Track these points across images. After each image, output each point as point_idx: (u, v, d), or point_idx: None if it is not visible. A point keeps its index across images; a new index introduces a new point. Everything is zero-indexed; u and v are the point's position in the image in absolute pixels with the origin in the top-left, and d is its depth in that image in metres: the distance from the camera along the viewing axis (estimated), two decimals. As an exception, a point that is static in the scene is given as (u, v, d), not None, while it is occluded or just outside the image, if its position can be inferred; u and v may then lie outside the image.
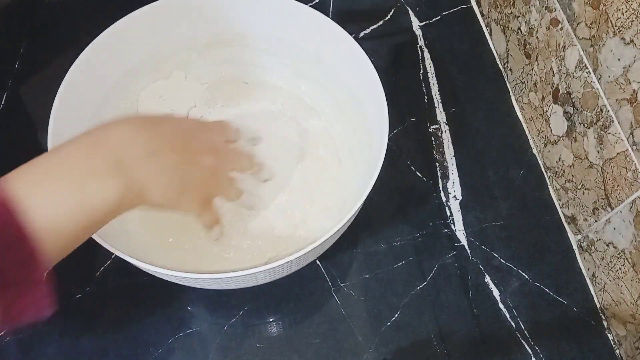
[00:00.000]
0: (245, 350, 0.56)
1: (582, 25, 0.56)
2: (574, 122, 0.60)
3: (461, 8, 0.79)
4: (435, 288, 0.60)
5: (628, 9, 0.49)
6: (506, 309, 0.59)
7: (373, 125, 0.53)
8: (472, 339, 0.58)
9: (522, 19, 0.68)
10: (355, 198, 0.47)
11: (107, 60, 0.55)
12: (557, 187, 0.65)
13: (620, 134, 0.53)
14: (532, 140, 0.70)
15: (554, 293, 0.60)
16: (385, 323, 0.58)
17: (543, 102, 0.66)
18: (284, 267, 0.46)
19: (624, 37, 0.50)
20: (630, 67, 0.50)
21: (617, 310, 0.58)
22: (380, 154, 0.48)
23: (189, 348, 0.56)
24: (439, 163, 0.67)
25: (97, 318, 0.57)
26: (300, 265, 0.51)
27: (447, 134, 0.69)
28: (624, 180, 0.53)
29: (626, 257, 0.55)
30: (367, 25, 0.77)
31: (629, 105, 0.51)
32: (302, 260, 0.49)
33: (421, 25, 0.77)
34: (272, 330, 0.57)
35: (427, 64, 0.74)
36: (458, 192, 0.66)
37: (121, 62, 0.57)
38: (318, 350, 0.56)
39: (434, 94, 0.72)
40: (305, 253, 0.44)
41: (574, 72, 0.59)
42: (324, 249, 0.51)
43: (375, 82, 0.52)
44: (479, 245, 0.62)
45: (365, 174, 0.52)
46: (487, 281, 0.61)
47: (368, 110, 0.55)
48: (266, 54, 0.63)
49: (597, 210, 0.58)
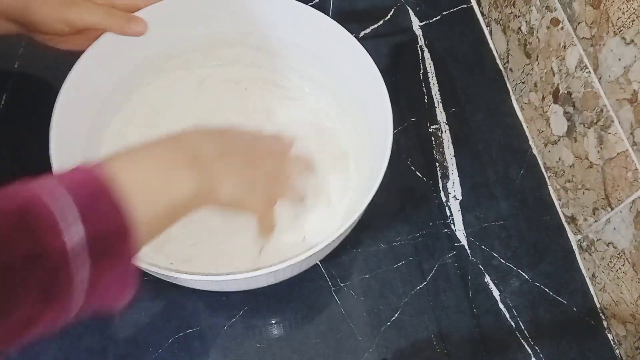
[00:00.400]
0: (245, 350, 0.56)
1: (583, 25, 0.56)
2: (574, 122, 0.60)
3: (461, 8, 0.79)
4: (435, 288, 0.60)
5: (629, 8, 0.49)
6: (506, 309, 0.59)
7: (376, 129, 0.53)
8: (472, 339, 0.58)
9: (522, 19, 0.68)
10: (358, 200, 0.47)
11: (110, 60, 0.55)
12: (557, 187, 0.65)
13: (620, 134, 0.53)
14: (532, 140, 0.70)
15: (554, 293, 0.60)
16: (385, 323, 0.58)
17: (543, 102, 0.66)
18: (285, 271, 0.46)
19: (624, 37, 0.50)
20: (631, 67, 0.50)
21: (617, 310, 0.58)
22: (383, 159, 0.48)
23: (189, 348, 0.56)
24: (439, 163, 0.67)
25: (97, 318, 0.57)
26: (301, 269, 0.51)
27: (447, 134, 0.69)
28: (624, 180, 0.53)
29: (626, 257, 0.55)
30: (367, 25, 0.76)
31: (629, 105, 0.51)
32: (304, 264, 0.49)
33: (421, 25, 0.77)
34: (272, 330, 0.57)
35: (427, 64, 0.74)
36: (458, 192, 0.66)
37: (125, 61, 0.57)
38: (318, 350, 0.56)
39: (434, 94, 0.72)
40: (307, 257, 0.44)
41: (575, 72, 0.59)
42: (326, 253, 0.51)
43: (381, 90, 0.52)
44: (479, 245, 0.62)
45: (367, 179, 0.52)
46: (487, 281, 0.61)
47: (373, 115, 0.55)
48: (270, 55, 0.63)
49: (597, 210, 0.58)
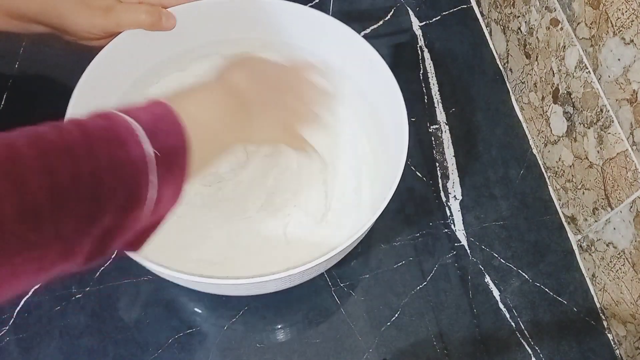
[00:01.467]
0: (245, 350, 0.56)
1: (582, 25, 0.56)
2: (574, 122, 0.60)
3: (461, 8, 0.79)
4: (435, 288, 0.60)
5: (628, 8, 0.49)
6: (506, 309, 0.59)
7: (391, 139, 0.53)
8: (472, 339, 0.58)
9: (522, 19, 0.68)
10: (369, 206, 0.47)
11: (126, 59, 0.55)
12: (557, 187, 0.65)
13: (620, 134, 0.53)
14: (532, 140, 0.70)
15: (554, 293, 0.60)
16: (385, 323, 0.58)
17: (543, 102, 0.66)
18: (292, 278, 0.46)
19: (624, 37, 0.50)
20: (630, 67, 0.50)
21: (617, 310, 0.58)
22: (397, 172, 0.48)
23: (189, 348, 0.56)
24: (439, 163, 0.67)
25: (97, 318, 0.57)
26: (310, 276, 0.50)
27: (447, 134, 0.69)
28: (624, 180, 0.53)
29: (626, 257, 0.55)
30: (367, 25, 0.76)
31: (629, 105, 0.51)
32: (313, 271, 0.48)
33: (421, 25, 0.77)
34: (272, 330, 0.57)
35: (427, 64, 0.74)
36: (458, 192, 0.66)
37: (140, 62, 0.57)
38: (318, 350, 0.56)
39: (434, 94, 0.72)
40: (317, 264, 0.44)
41: (574, 72, 0.59)
42: (336, 260, 0.50)
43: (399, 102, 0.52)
44: (479, 245, 0.62)
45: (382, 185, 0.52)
46: (487, 281, 0.61)
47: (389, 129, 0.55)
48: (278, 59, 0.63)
49: (597, 210, 0.58)
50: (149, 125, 0.35)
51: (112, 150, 0.33)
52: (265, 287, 0.50)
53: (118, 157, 0.33)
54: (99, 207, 0.32)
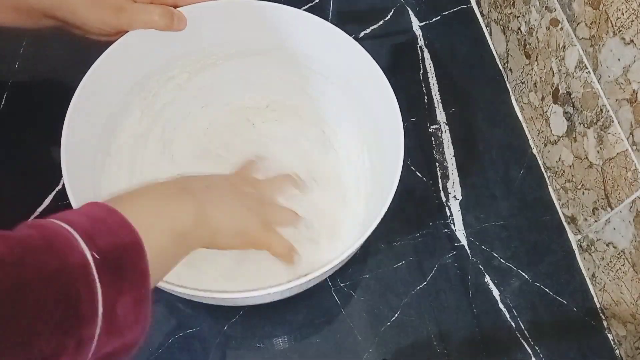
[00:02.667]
0: (245, 350, 0.56)
1: (582, 25, 0.56)
2: (574, 122, 0.60)
3: (461, 8, 0.79)
4: (435, 288, 0.60)
5: (628, 8, 0.49)
6: (506, 309, 0.59)
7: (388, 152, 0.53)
8: (472, 339, 0.58)
9: (522, 19, 0.68)
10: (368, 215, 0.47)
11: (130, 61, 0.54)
12: (557, 187, 0.65)
13: (620, 134, 0.53)
14: (532, 140, 0.70)
15: (554, 293, 0.60)
16: (385, 323, 0.58)
17: (543, 102, 0.66)
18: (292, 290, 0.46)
19: (624, 37, 0.50)
20: (630, 67, 0.50)
21: (617, 310, 0.58)
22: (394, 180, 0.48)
23: (189, 348, 0.56)
24: (439, 163, 0.67)
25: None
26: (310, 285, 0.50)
27: (447, 134, 0.69)
28: (623, 180, 0.53)
29: (626, 257, 0.55)
30: (367, 25, 0.76)
31: (629, 105, 0.51)
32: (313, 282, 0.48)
33: (421, 25, 0.77)
34: (272, 330, 0.57)
35: (427, 64, 0.74)
36: (458, 192, 0.66)
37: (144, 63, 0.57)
38: (318, 350, 0.56)
39: (434, 94, 0.72)
40: (318, 275, 0.44)
41: (574, 72, 0.59)
42: (335, 269, 0.50)
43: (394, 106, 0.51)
44: (478, 245, 0.62)
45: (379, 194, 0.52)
46: (487, 281, 0.61)
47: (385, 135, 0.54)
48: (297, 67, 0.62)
49: (597, 210, 0.58)
50: (94, 226, 0.32)
51: (42, 259, 0.29)
52: (264, 299, 0.50)
53: (50, 266, 0.29)
54: (30, 326, 0.27)
